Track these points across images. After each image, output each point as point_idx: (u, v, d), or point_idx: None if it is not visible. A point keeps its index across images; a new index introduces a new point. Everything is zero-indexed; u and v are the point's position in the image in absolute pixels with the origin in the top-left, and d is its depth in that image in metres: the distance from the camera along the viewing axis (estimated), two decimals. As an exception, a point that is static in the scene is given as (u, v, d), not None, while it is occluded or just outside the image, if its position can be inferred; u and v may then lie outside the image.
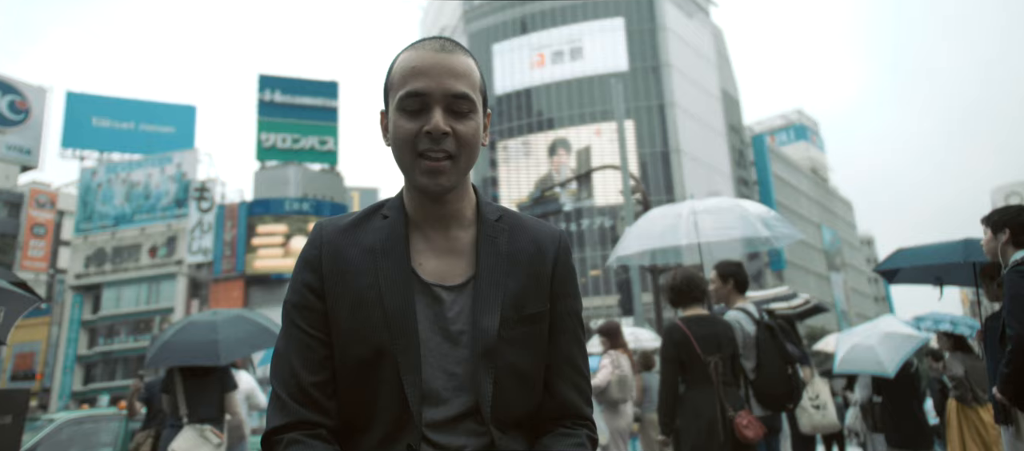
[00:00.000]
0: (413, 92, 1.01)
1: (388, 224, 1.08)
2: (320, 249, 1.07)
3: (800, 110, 72.74)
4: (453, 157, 1.02)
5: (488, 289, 1.04)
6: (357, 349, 1.01)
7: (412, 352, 1.00)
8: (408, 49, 1.06)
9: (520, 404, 1.05)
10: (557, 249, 1.12)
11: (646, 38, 44.59)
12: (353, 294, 1.03)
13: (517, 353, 1.04)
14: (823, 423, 4.61)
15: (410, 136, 1.01)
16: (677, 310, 3.63)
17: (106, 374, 36.61)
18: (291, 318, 1.06)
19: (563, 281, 1.12)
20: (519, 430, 1.06)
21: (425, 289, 1.04)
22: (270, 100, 39.44)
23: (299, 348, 1.03)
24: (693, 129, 44.30)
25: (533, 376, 1.07)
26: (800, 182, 61.59)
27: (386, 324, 1.01)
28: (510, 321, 1.04)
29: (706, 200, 4.78)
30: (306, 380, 1.01)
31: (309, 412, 1.01)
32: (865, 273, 73.28)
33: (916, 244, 4.46)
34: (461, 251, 1.08)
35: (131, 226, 38.46)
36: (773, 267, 50.34)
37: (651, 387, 6.92)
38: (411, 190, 1.09)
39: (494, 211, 1.13)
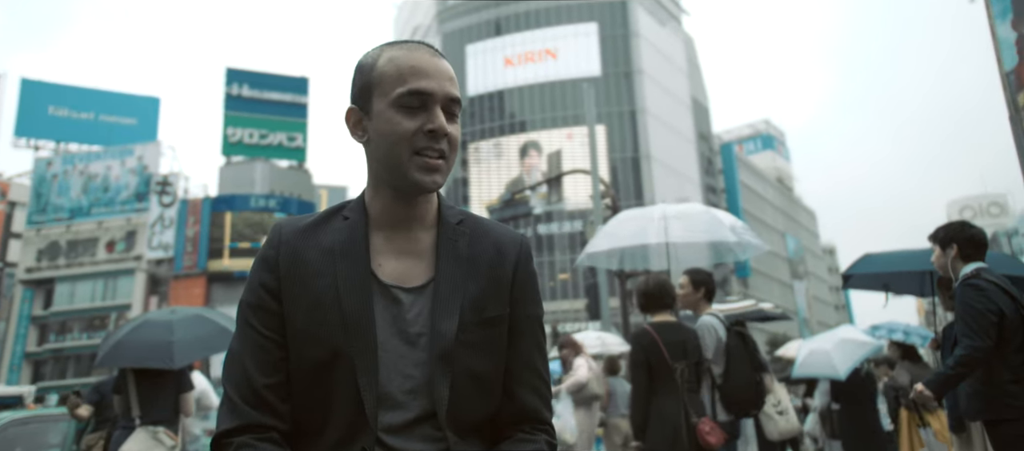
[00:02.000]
0: (417, 90, 1.01)
1: (348, 225, 1.07)
2: (277, 249, 1.05)
3: (767, 120, 74.34)
4: (445, 157, 1.04)
5: (447, 292, 1.04)
6: (313, 351, 1.00)
7: (369, 354, 0.99)
8: (393, 49, 1.06)
9: (478, 408, 1.04)
10: (518, 253, 1.12)
11: (619, 44, 45.04)
12: (310, 295, 1.01)
13: (475, 357, 1.03)
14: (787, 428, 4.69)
15: (408, 133, 1.01)
16: (645, 315, 3.65)
17: (56, 372, 35.32)
18: (246, 318, 1.04)
19: (524, 286, 1.11)
20: (477, 435, 1.05)
21: (384, 290, 1.03)
22: (238, 94, 38.64)
23: (253, 349, 1.01)
24: (663, 136, 44.89)
25: (491, 380, 1.06)
26: (766, 191, 62.92)
27: (343, 326, 0.99)
28: (469, 325, 1.03)
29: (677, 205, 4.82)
30: (259, 382, 1.00)
31: (261, 415, 0.99)
32: (827, 282, 75.18)
33: (882, 251, 4.56)
34: (421, 253, 1.08)
35: (88, 219, 37.23)
36: (738, 274, 51.28)
37: (616, 392, 6.95)
38: (384, 189, 1.07)
39: (455, 215, 1.12)
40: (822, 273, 75.24)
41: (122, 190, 37.29)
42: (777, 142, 73.87)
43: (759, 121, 74.34)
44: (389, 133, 1.02)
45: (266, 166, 38.76)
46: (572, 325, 29.48)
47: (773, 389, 4.63)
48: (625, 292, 14.76)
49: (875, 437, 5.33)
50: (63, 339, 36.01)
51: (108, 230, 36.97)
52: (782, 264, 61.00)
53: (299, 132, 39.87)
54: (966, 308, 2.79)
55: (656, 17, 48.74)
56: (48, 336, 36.35)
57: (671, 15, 51.80)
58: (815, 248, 75.49)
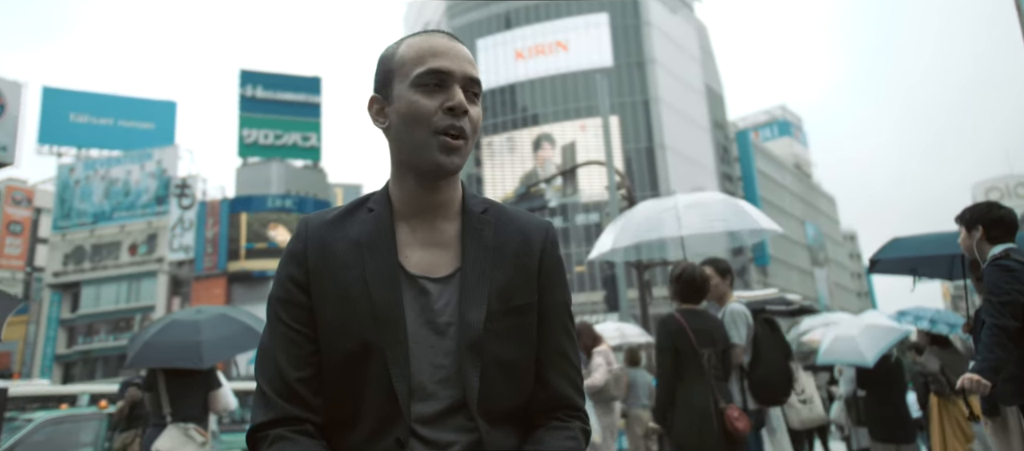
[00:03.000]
0: (435, 69, 1.02)
1: (374, 217, 1.07)
2: (305, 243, 1.06)
3: (784, 106, 73.40)
4: (466, 138, 1.04)
5: (474, 281, 1.03)
6: (343, 343, 1.00)
7: (400, 345, 0.99)
8: (412, 37, 1.08)
9: (509, 397, 1.04)
10: (544, 240, 1.11)
11: (630, 34, 44.69)
12: (339, 288, 1.02)
13: (504, 345, 1.03)
14: (811, 417, 4.65)
15: (428, 112, 1.02)
16: (674, 304, 3.65)
17: (85, 374, 36.04)
18: (276, 313, 1.04)
19: (550, 272, 1.11)
20: (510, 424, 1.05)
21: (412, 282, 1.03)
22: (252, 96, 38.97)
23: (284, 343, 1.02)
24: (678, 125, 44.53)
25: (521, 368, 1.05)
26: (784, 178, 62.22)
27: (373, 317, 1.00)
28: (496, 313, 1.03)
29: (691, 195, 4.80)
30: (291, 376, 1.00)
31: (294, 408, 0.99)
32: (848, 268, 74.28)
33: (910, 235, 4.49)
34: (447, 243, 1.07)
35: (110, 223, 37.84)
36: (757, 262, 50.82)
37: (637, 383, 6.96)
38: (407, 176, 1.07)
39: (479, 203, 1.12)
40: (843, 260, 74.33)
41: (142, 194, 37.84)
42: (794, 128, 72.92)
43: (775, 107, 73.44)
44: (409, 113, 1.02)
45: (282, 166, 39.08)
46: (590, 317, 29.43)
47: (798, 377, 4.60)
48: (643, 283, 14.70)
49: (905, 424, 5.27)
50: (90, 341, 36.71)
51: (130, 233, 37.56)
52: (802, 251, 60.35)
53: (313, 132, 40.13)
54: (993, 288, 2.78)
55: (668, 5, 48.27)
56: (76, 338, 37.08)
57: (683, 2, 51.27)
58: (835, 234, 74.53)
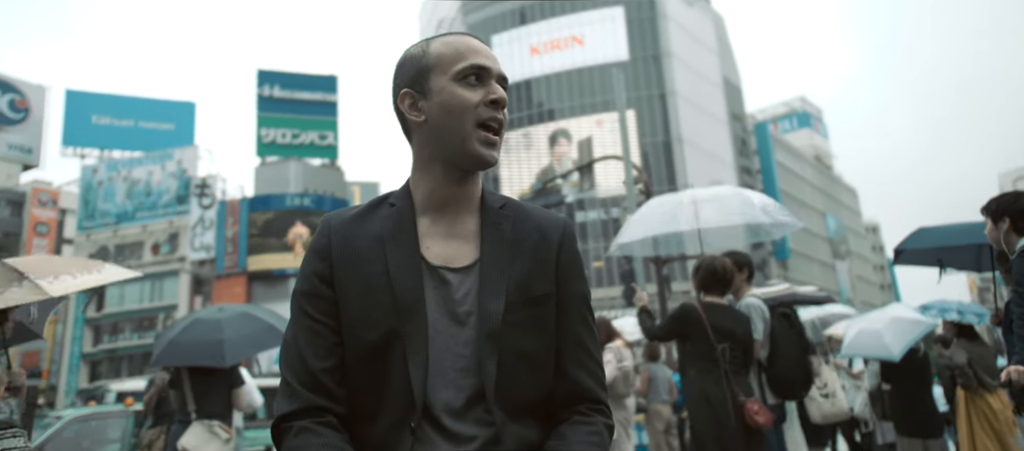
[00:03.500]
0: (477, 65, 1.07)
1: (395, 212, 1.10)
2: (329, 238, 1.08)
3: (803, 97, 72.45)
4: (501, 134, 1.09)
5: (493, 272, 1.06)
6: (367, 334, 1.02)
7: (420, 334, 1.01)
8: (445, 37, 1.12)
9: (528, 388, 1.04)
10: (561, 235, 1.13)
11: (646, 27, 44.36)
12: (362, 280, 1.04)
13: (523, 336, 1.04)
14: (833, 411, 4.58)
15: (472, 103, 1.06)
16: (700, 295, 3.63)
17: (111, 371, 36.75)
18: (300, 306, 1.06)
19: (569, 265, 1.12)
20: (531, 416, 1.05)
21: (432, 272, 1.06)
22: (269, 95, 39.34)
23: (308, 335, 1.04)
24: (695, 118, 44.15)
25: (541, 359, 1.06)
26: (804, 170, 61.42)
27: (395, 308, 1.01)
28: (515, 304, 1.04)
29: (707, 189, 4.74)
30: (315, 366, 1.02)
31: (318, 398, 1.01)
32: (870, 261, 73.21)
33: (936, 225, 4.39)
34: (466, 236, 1.10)
35: (133, 224, 38.50)
36: (777, 256, 50.27)
37: (657, 377, 6.91)
38: (435, 168, 1.09)
39: (498, 199, 1.14)
40: (866, 252, 73.26)
41: (164, 194, 38.43)
42: (814, 119, 71.95)
43: (794, 99, 72.50)
44: (453, 105, 1.05)
45: (299, 165, 39.41)
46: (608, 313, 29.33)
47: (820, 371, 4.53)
48: (661, 278, 14.61)
49: (932, 418, 5.17)
50: (116, 339, 37.44)
51: (152, 233, 38.19)
52: (823, 244, 59.57)
53: (330, 130, 40.41)
54: (1021, 280, 2.72)
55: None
56: (102, 337, 37.83)
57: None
58: (857, 227, 73.45)
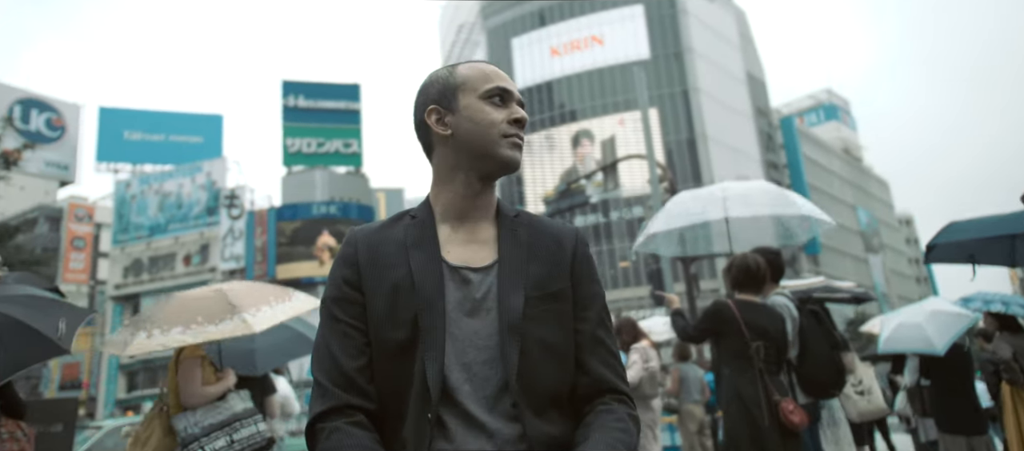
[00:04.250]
0: (502, 88, 1.18)
1: (417, 223, 1.18)
2: (355, 247, 1.15)
3: (829, 89, 71.08)
4: (522, 147, 1.20)
5: (511, 271, 1.12)
6: (393, 333, 1.07)
7: (437, 329, 1.06)
8: (471, 63, 1.23)
9: (551, 379, 1.08)
10: (575, 241, 1.21)
11: (667, 24, 43.98)
12: (388, 283, 1.10)
13: (543, 328, 1.09)
14: (869, 408, 4.46)
15: (499, 120, 1.16)
16: (733, 292, 3.56)
17: (148, 381, 37.61)
18: (330, 311, 1.12)
19: (583, 268, 1.19)
20: (556, 410, 1.08)
21: (453, 272, 1.12)
22: (294, 105, 39.93)
23: (338, 337, 1.09)
24: (719, 114, 43.60)
25: (562, 350, 1.11)
26: (832, 163, 60.23)
27: (419, 307, 1.07)
28: (534, 299, 1.10)
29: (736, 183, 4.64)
30: (347, 364, 1.07)
31: (350, 396, 1.05)
32: (905, 254, 71.44)
33: (968, 218, 4.18)
34: (484, 241, 1.17)
35: (165, 235, 39.38)
36: (808, 251, 49.34)
37: (688, 377, 6.82)
38: (459, 178, 1.17)
39: (511, 210, 1.23)
40: (899, 245, 71.50)
41: (194, 206, 39.25)
42: (841, 112, 70.52)
43: (820, 91, 71.17)
44: (483, 120, 1.16)
45: (325, 173, 39.90)
46: (636, 313, 29.10)
47: (855, 368, 4.41)
48: (690, 276, 14.42)
49: (977, 414, 4.99)
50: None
51: (184, 245, 39.01)
52: (854, 238, 58.30)
53: (354, 138, 40.84)
54: None
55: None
56: (138, 347, 38.71)
57: (720, -11, 50.16)
58: (890, 220, 71.74)
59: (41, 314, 2.56)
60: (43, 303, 2.67)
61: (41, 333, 2.46)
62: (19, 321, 2.45)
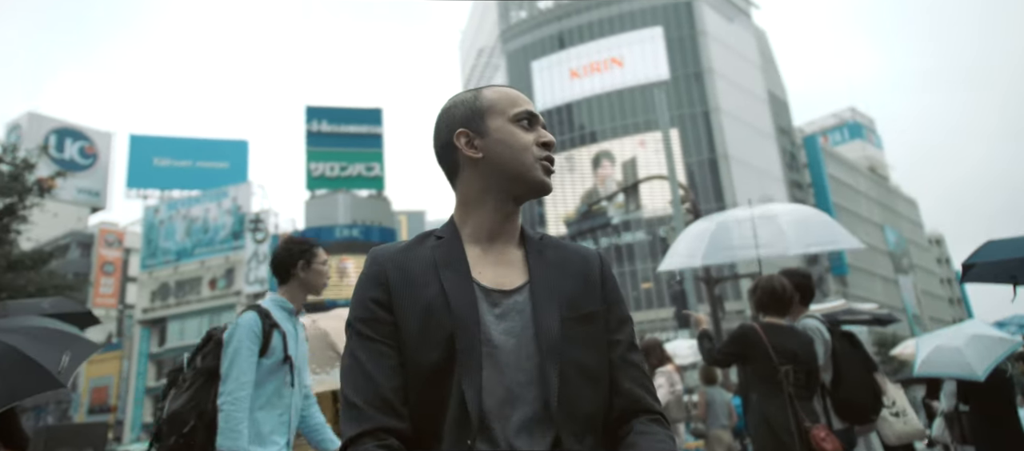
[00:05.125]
0: (529, 112, 1.19)
1: (444, 243, 1.16)
2: (382, 265, 1.13)
3: (853, 108, 70.29)
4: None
5: (544, 291, 1.11)
6: (427, 355, 1.04)
7: (474, 352, 1.03)
8: (495, 87, 1.23)
9: (589, 402, 1.07)
10: (601, 262, 1.21)
11: (686, 45, 44.02)
12: (420, 303, 1.08)
13: (580, 350, 1.08)
14: (907, 430, 4.28)
15: (530, 143, 1.17)
16: (759, 315, 3.48)
17: (173, 404, 37.92)
18: (360, 331, 1.08)
19: (611, 288, 1.19)
20: (592, 433, 1.07)
21: (486, 294, 1.10)
22: (317, 130, 40.61)
23: (372, 356, 1.06)
24: (740, 134, 43.30)
25: (598, 373, 1.10)
26: (858, 182, 59.27)
27: (454, 328, 1.05)
28: (569, 320, 1.09)
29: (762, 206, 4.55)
30: (382, 385, 1.04)
31: (386, 418, 1.02)
32: (937, 274, 69.68)
33: (1008, 237, 4.03)
34: (513, 263, 1.16)
35: (192, 260, 40.05)
36: (835, 272, 48.39)
37: (715, 402, 6.65)
38: (488, 201, 1.17)
39: (535, 233, 1.23)
40: (930, 265, 69.79)
41: (220, 230, 39.92)
42: (866, 130, 69.61)
43: (844, 110, 70.40)
44: (514, 143, 1.16)
45: (347, 197, 40.38)
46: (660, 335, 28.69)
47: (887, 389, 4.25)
48: (713, 298, 14.19)
49: (1020, 442, 4.77)
50: (176, 373, 38.72)
51: (210, 269, 39.61)
52: (883, 259, 57.07)
53: (376, 162, 41.35)
54: None
55: (723, 14, 47.33)
56: (164, 371, 39.23)
57: (739, 10, 50.14)
58: (919, 239, 70.14)
59: (46, 346, 2.56)
60: (52, 335, 2.68)
61: (41, 365, 2.46)
62: (21, 352, 2.46)
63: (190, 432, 2.49)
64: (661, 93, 14.65)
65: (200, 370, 2.69)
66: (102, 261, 41.10)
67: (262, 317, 2.67)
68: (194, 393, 2.60)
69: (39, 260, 15.21)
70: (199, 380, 2.64)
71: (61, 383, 2.46)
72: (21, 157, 14.96)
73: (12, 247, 14.65)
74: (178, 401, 2.60)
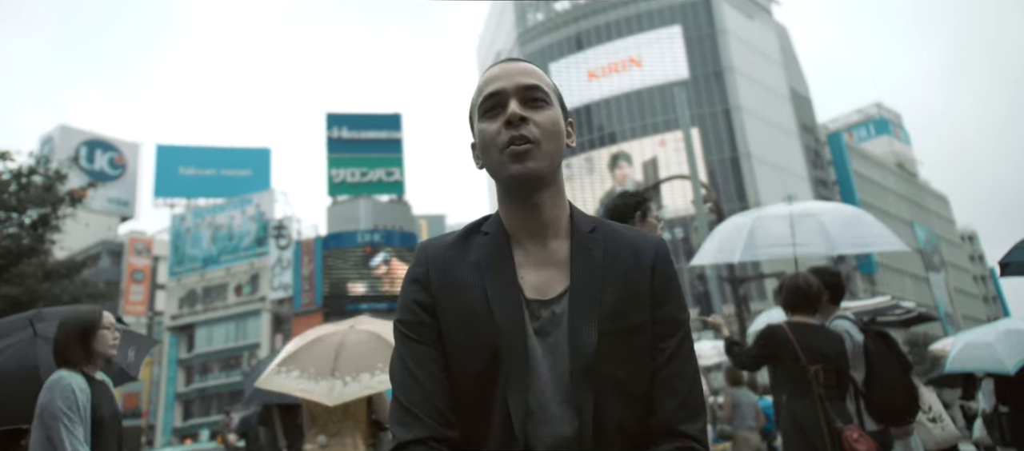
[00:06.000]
0: (489, 94, 1.08)
1: (490, 240, 1.10)
2: (427, 267, 1.09)
3: (879, 103, 68.93)
4: (536, 143, 1.05)
5: (584, 302, 1.04)
6: (471, 363, 1.03)
7: (520, 366, 1.01)
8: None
9: (626, 421, 1.02)
10: (655, 255, 1.10)
11: (706, 43, 43.62)
12: (464, 309, 1.05)
13: (617, 366, 1.02)
14: (944, 436, 4.15)
15: (493, 134, 1.07)
16: (787, 314, 3.42)
17: (202, 410, 38.58)
18: (406, 335, 1.07)
19: (663, 289, 1.08)
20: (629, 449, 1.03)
21: (528, 304, 1.06)
22: (338, 137, 41.04)
23: (421, 360, 1.04)
24: (762, 132, 42.76)
25: (637, 390, 1.04)
26: (885, 179, 58.13)
27: (497, 337, 1.02)
28: (608, 333, 1.02)
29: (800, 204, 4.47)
30: (432, 391, 1.02)
31: (439, 427, 1.01)
32: (970, 271, 68.00)
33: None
34: (558, 263, 1.09)
35: (218, 267, 40.69)
36: (863, 270, 47.49)
37: (741, 403, 6.57)
38: (505, 201, 1.11)
39: (588, 222, 1.13)
40: (963, 262, 68.11)
41: (244, 237, 40.51)
42: (893, 125, 68.22)
43: (869, 105, 69.10)
44: (483, 142, 1.08)
45: (369, 202, 40.70)
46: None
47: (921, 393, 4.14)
48: (739, 298, 14.01)
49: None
50: (205, 379, 39.37)
51: (235, 275, 40.21)
52: (913, 256, 55.85)
53: (396, 167, 41.65)
54: None
55: (743, 11, 46.82)
56: (193, 377, 39.90)
57: (760, 7, 49.56)
58: (951, 236, 68.51)
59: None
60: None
61: (113, 362, 2.58)
62: None
63: None
64: (682, 92, 14.53)
65: None
66: (132, 269, 41.97)
67: None
68: None
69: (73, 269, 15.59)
70: None
71: (133, 377, 2.56)
72: (54, 169, 15.35)
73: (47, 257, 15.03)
74: None
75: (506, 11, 51.92)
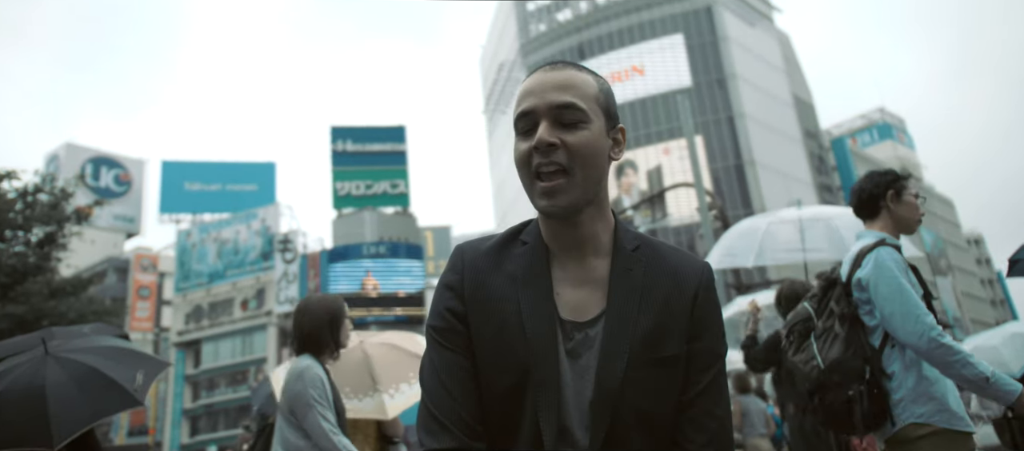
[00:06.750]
0: (522, 112, 1.02)
1: (528, 251, 1.07)
2: (462, 275, 1.06)
3: (882, 108, 68.83)
4: (567, 171, 1.00)
5: (618, 327, 1.00)
6: (500, 378, 1.00)
7: (551, 386, 0.98)
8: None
9: (644, 449, 0.99)
10: (698, 283, 1.05)
11: (708, 51, 43.72)
12: (496, 321, 1.02)
13: (644, 397, 0.98)
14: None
15: (525, 156, 1.02)
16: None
17: (209, 426, 38.53)
18: (437, 341, 1.05)
19: (703, 320, 1.03)
20: None
21: (561, 324, 1.03)
22: (343, 150, 41.21)
23: (452, 368, 1.02)
24: (766, 138, 42.75)
25: (661, 422, 1.00)
26: (889, 183, 57.85)
27: (528, 355, 0.99)
28: (639, 363, 0.98)
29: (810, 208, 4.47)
30: (462, 402, 1.00)
31: (468, 439, 0.99)
32: (977, 275, 67.51)
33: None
34: (596, 282, 1.05)
35: (223, 282, 40.77)
36: (868, 275, 47.19)
37: (750, 411, 6.53)
38: (543, 217, 1.07)
39: (632, 239, 1.08)
40: (970, 266, 67.67)
41: (250, 251, 40.62)
42: (896, 130, 68.10)
43: (872, 110, 69.00)
44: (517, 163, 1.04)
45: (374, 214, 40.81)
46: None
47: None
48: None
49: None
50: (212, 394, 39.35)
51: (241, 290, 40.28)
52: (920, 261, 55.49)
53: (401, 179, 41.78)
54: None
55: (745, 19, 46.95)
56: (200, 393, 39.87)
57: (761, 15, 49.69)
58: (957, 239, 68.13)
59: (121, 365, 2.68)
60: (124, 355, 2.81)
61: (119, 384, 2.58)
62: (102, 373, 2.58)
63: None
64: (685, 100, 14.57)
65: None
66: (138, 286, 42.10)
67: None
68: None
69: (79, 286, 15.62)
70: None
71: (139, 401, 2.56)
72: (60, 187, 15.44)
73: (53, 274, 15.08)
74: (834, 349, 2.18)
75: (509, 22, 52.20)
